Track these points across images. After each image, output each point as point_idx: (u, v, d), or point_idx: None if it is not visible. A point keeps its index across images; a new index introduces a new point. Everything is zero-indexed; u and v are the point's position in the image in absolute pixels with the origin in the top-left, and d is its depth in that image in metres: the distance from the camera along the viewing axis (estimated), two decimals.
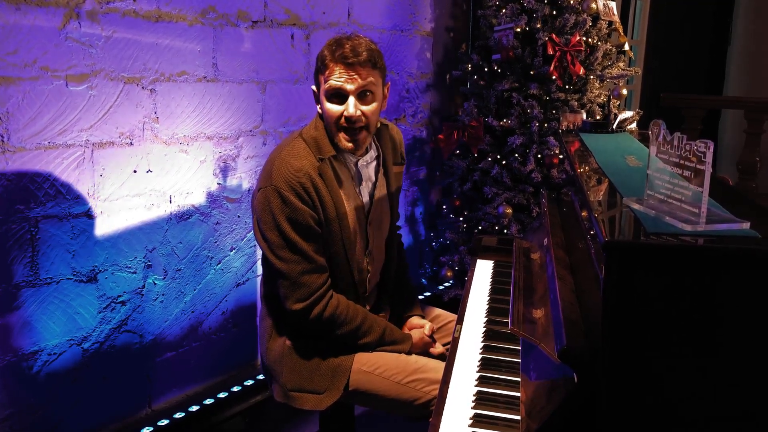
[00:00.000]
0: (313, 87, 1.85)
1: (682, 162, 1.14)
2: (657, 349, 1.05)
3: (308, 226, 1.76)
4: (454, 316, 2.12)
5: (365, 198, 1.92)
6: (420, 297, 3.60)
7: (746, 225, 1.12)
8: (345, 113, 1.75)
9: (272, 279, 1.84)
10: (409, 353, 1.91)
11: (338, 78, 1.73)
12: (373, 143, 1.94)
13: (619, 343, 1.06)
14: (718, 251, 1.04)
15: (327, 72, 1.75)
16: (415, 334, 1.96)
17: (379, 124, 1.92)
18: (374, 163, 1.95)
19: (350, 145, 1.80)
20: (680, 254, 1.05)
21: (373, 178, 1.95)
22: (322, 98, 1.79)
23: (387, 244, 2.06)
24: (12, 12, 1.92)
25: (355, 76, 1.74)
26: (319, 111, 1.85)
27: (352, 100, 1.75)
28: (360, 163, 1.90)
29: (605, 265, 1.05)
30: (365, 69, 1.75)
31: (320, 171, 1.78)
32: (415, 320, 2.06)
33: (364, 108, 1.77)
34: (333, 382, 1.83)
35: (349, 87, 1.74)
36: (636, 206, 1.23)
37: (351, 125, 1.77)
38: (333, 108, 1.76)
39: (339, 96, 1.76)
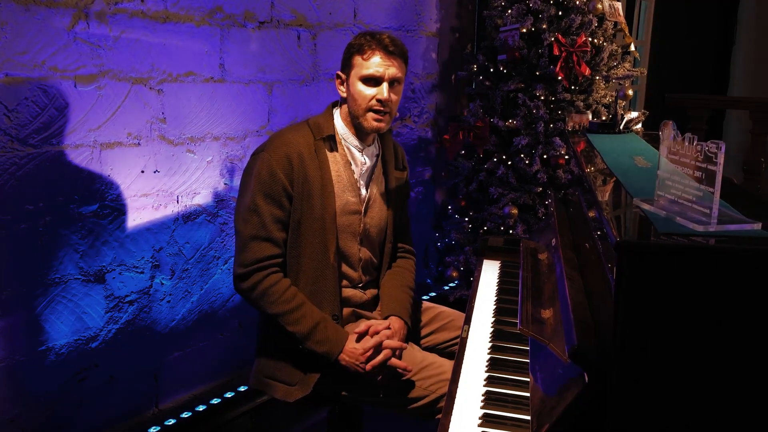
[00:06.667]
0: (339, 72, 1.92)
1: (693, 162, 1.14)
2: (668, 349, 1.05)
3: (278, 198, 1.81)
4: (457, 313, 2.11)
5: (363, 187, 1.94)
6: (425, 297, 3.60)
7: (758, 225, 1.12)
8: (378, 96, 1.85)
9: None
10: (336, 361, 1.79)
11: (378, 64, 1.84)
12: (376, 141, 1.99)
13: (630, 343, 1.06)
14: (730, 252, 1.04)
15: (366, 56, 1.84)
16: (350, 344, 1.80)
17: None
18: (375, 158, 1.98)
19: (378, 124, 1.88)
20: (692, 254, 1.04)
21: (371, 171, 1.97)
22: (354, 80, 1.86)
23: (391, 245, 2.04)
24: (21, 12, 1.93)
25: (392, 64, 1.85)
26: (343, 95, 1.91)
27: (386, 85, 1.85)
28: (365, 152, 1.94)
29: (617, 266, 1.05)
30: (399, 60, 1.88)
31: (315, 148, 1.86)
32: (390, 321, 1.89)
33: (393, 96, 1.88)
34: (305, 377, 1.83)
35: (387, 74, 1.85)
36: (646, 207, 1.23)
37: (382, 107, 1.86)
38: (367, 90, 1.85)
39: (374, 80, 1.85)
